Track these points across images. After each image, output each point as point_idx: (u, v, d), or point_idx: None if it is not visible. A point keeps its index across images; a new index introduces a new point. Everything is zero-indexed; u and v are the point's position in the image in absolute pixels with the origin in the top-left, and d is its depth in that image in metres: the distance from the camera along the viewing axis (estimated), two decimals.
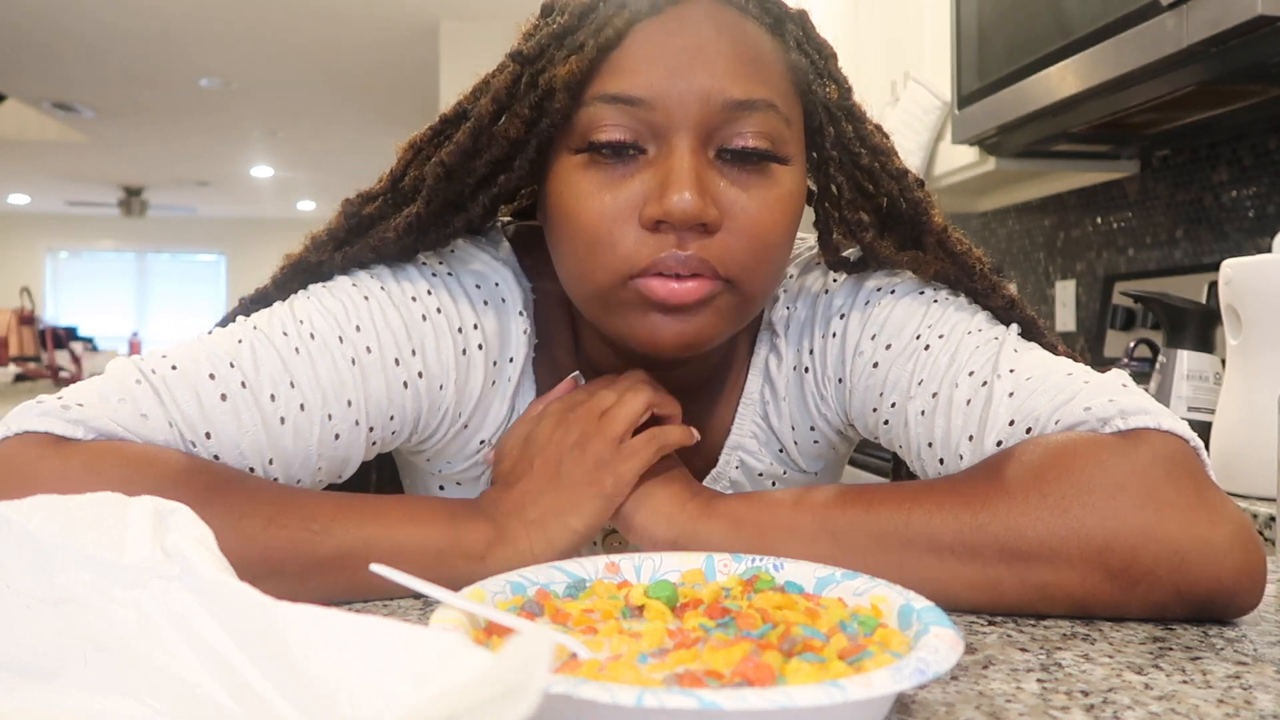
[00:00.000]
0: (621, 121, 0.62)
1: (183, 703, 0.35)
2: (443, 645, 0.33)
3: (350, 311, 0.65)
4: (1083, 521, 0.53)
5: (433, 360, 0.67)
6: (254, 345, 0.62)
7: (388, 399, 0.65)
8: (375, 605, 0.59)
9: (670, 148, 0.62)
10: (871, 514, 0.57)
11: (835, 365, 0.73)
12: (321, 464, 0.64)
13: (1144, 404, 0.58)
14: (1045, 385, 0.60)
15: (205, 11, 4.54)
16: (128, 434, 0.57)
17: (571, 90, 0.62)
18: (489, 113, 0.65)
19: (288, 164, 8.19)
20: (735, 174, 0.63)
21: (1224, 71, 1.42)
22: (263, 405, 0.61)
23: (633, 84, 0.61)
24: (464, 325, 0.69)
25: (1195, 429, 1.23)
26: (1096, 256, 2.37)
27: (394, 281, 0.68)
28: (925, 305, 0.69)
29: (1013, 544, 0.54)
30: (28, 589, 0.37)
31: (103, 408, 0.56)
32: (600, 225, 0.62)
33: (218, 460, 0.59)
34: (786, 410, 0.77)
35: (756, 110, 0.62)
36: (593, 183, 0.62)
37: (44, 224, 10.90)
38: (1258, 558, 0.54)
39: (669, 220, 0.60)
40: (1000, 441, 0.60)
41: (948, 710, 0.42)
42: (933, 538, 0.55)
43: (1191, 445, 0.57)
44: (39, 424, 0.55)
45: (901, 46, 2.48)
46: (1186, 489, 0.54)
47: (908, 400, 0.67)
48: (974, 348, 0.65)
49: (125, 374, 0.59)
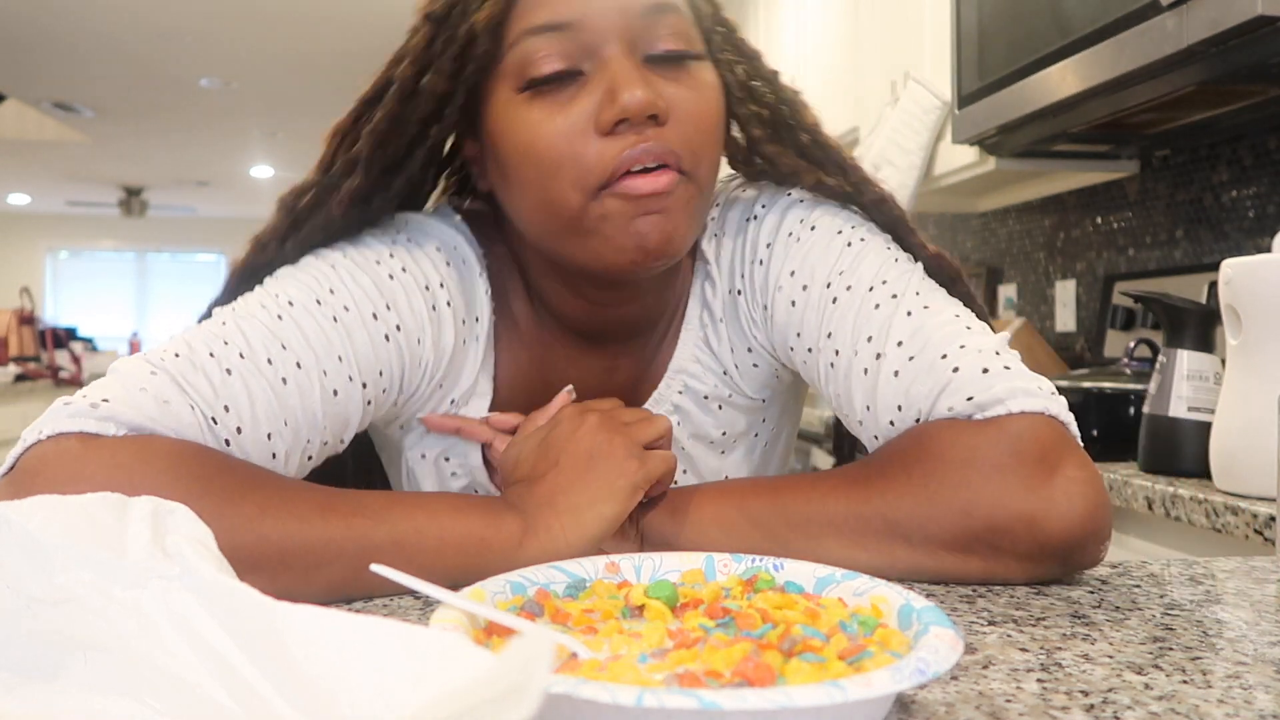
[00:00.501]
0: (554, 49, 0.66)
1: (183, 703, 0.35)
2: (443, 645, 0.33)
3: (320, 279, 0.68)
4: (944, 496, 0.62)
5: (407, 315, 0.70)
6: (238, 323, 0.64)
7: (374, 354, 0.68)
8: (375, 605, 0.59)
9: (606, 60, 0.66)
10: (784, 503, 0.65)
11: (761, 291, 0.77)
12: (326, 423, 0.66)
13: (999, 390, 0.63)
14: (922, 372, 0.66)
15: (205, 11, 4.54)
16: (156, 424, 0.58)
17: (492, 31, 0.66)
18: (410, 73, 0.68)
19: (288, 164, 8.19)
20: (664, 73, 0.67)
21: (1224, 71, 1.42)
22: (264, 370, 0.63)
23: (555, 11, 0.66)
24: (430, 284, 0.72)
25: (1195, 429, 1.25)
26: (1096, 256, 2.37)
27: (354, 249, 0.70)
28: (839, 249, 0.73)
29: (893, 520, 0.62)
30: (28, 589, 0.37)
31: (127, 401, 0.57)
32: (560, 145, 0.65)
33: (240, 433, 0.61)
34: (725, 333, 0.80)
35: (668, 13, 0.68)
36: (541, 112, 0.66)
37: (44, 224, 10.90)
38: (1103, 514, 0.62)
39: (626, 115, 0.64)
40: (892, 422, 0.68)
41: (948, 710, 0.42)
42: (834, 522, 0.63)
43: (1048, 416, 0.63)
44: (71, 424, 0.56)
45: (901, 46, 2.48)
46: (1029, 458, 0.62)
47: (819, 351, 0.73)
48: (873, 307, 0.70)
49: (138, 368, 0.60)
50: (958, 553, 0.62)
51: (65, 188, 9.42)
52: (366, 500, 0.60)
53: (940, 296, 0.71)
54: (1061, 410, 0.64)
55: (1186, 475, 1.27)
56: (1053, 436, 0.63)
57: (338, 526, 0.57)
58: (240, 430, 0.61)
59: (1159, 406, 1.29)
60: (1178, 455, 1.27)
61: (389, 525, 0.58)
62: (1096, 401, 1.50)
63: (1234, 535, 1.09)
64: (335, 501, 0.59)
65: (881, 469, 0.65)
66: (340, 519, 0.58)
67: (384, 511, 0.59)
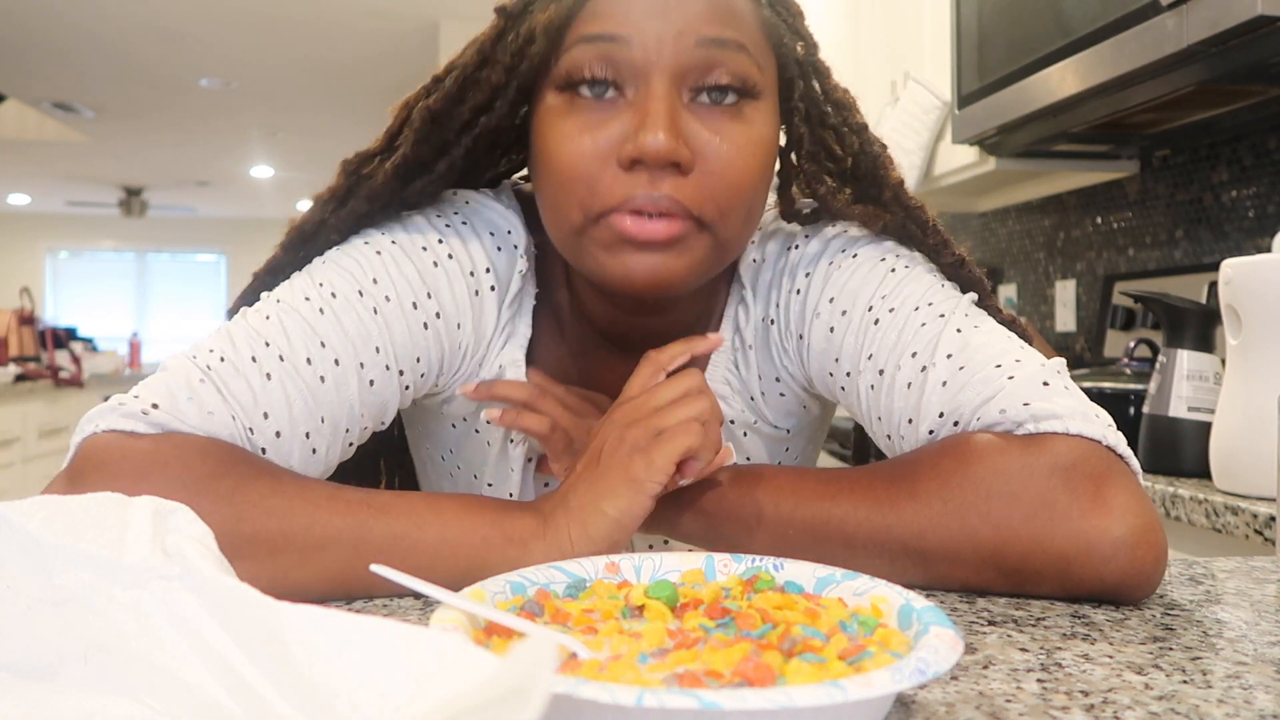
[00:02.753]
0: (602, 60, 0.64)
1: (183, 703, 0.35)
2: (443, 646, 0.33)
3: (365, 267, 0.69)
4: (978, 529, 0.58)
5: (448, 302, 0.71)
6: (281, 318, 0.66)
7: (411, 342, 0.69)
8: (375, 605, 0.59)
9: (648, 89, 0.64)
10: (800, 508, 0.63)
11: (797, 321, 0.75)
12: (364, 411, 0.67)
13: (1057, 407, 0.60)
14: (974, 378, 0.63)
15: (205, 12, 4.54)
16: (195, 431, 0.60)
17: (550, 34, 0.66)
18: (473, 62, 0.69)
19: (288, 164, 8.19)
20: (710, 117, 0.65)
21: (1224, 71, 1.42)
22: (302, 371, 0.64)
23: (609, 23, 0.64)
24: (475, 269, 0.72)
25: (1195, 429, 1.25)
26: (1096, 256, 2.37)
27: (405, 234, 0.72)
28: (882, 274, 0.71)
29: (916, 544, 0.59)
30: (28, 589, 0.37)
31: (174, 409, 0.60)
32: (580, 164, 0.65)
33: (279, 436, 0.63)
34: (754, 360, 0.79)
35: (729, 49, 0.65)
36: (575, 125, 0.65)
37: (44, 224, 10.90)
38: (1150, 555, 0.57)
39: (643, 158, 0.63)
40: (932, 430, 0.64)
41: (948, 710, 0.42)
42: (848, 535, 0.61)
43: (1105, 445, 0.59)
44: (124, 424, 0.59)
45: (901, 46, 2.48)
46: (1082, 494, 0.57)
47: (858, 374, 0.70)
48: (919, 325, 0.67)
49: (189, 373, 0.62)
50: (983, 578, 0.59)
51: (65, 188, 9.42)
52: (376, 495, 0.61)
53: (991, 321, 0.68)
54: (1120, 443, 0.60)
55: (1186, 475, 1.27)
56: (1106, 469, 0.58)
57: (341, 512, 0.59)
58: (279, 434, 0.63)
59: (1159, 406, 1.29)
60: (1178, 455, 1.27)
61: (390, 517, 0.59)
62: (1096, 401, 1.49)
63: (1234, 535, 1.10)
64: (344, 492, 0.60)
65: (914, 490, 0.60)
66: (345, 505, 0.59)
67: (390, 504, 0.60)
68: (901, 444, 0.67)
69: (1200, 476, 1.25)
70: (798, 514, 0.63)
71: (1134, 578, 0.57)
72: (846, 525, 0.61)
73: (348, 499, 0.59)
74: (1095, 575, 0.57)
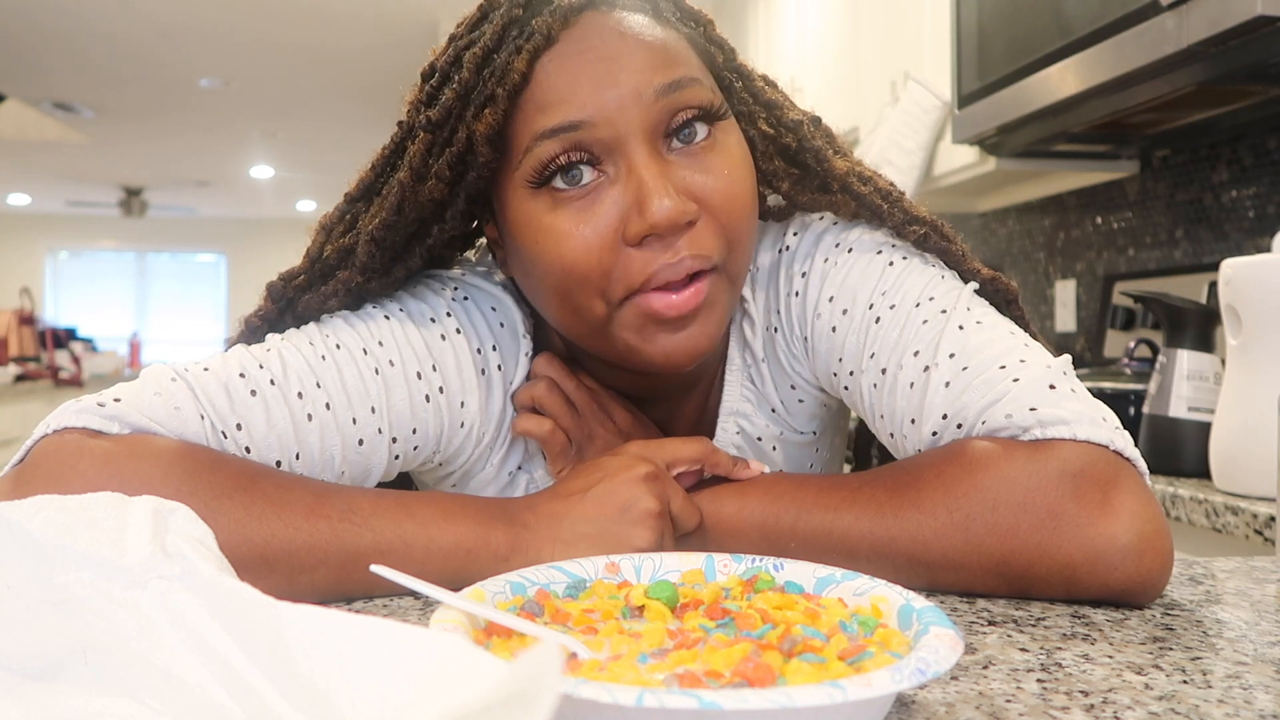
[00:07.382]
0: (570, 149, 0.62)
1: (183, 703, 0.35)
2: (443, 647, 0.33)
3: (373, 329, 0.68)
4: (984, 540, 0.58)
5: (453, 377, 0.69)
6: (281, 352, 0.65)
7: (410, 411, 0.67)
8: (375, 605, 0.59)
9: (629, 161, 0.62)
10: (802, 520, 0.62)
11: (799, 324, 0.74)
12: (345, 469, 0.65)
13: (1064, 411, 0.59)
14: (978, 380, 0.62)
15: (205, 11, 4.54)
16: (160, 428, 0.58)
17: (494, 142, 0.64)
18: (408, 182, 0.66)
19: (288, 164, 8.19)
20: (692, 157, 0.64)
21: (1224, 71, 1.42)
22: (290, 401, 0.63)
23: (565, 111, 0.62)
24: (483, 347, 0.71)
25: (1195, 429, 1.25)
26: (1096, 256, 2.37)
27: (413, 302, 0.71)
28: (880, 269, 0.70)
29: (920, 555, 0.59)
30: (28, 589, 0.37)
31: (137, 402, 0.59)
32: (587, 259, 0.63)
33: (249, 452, 0.61)
34: (767, 371, 0.78)
35: (684, 87, 0.63)
36: (567, 220, 0.63)
37: (44, 224, 10.90)
38: (1157, 562, 0.57)
39: (656, 231, 0.61)
40: (935, 432, 0.64)
41: (948, 710, 0.42)
42: (851, 548, 0.60)
43: (1112, 449, 0.59)
44: (76, 420, 0.57)
45: (901, 46, 2.48)
46: (1090, 502, 0.57)
47: (861, 373, 0.69)
48: (921, 322, 0.66)
49: (161, 373, 0.61)
50: (987, 584, 0.59)
51: (65, 188, 9.42)
52: (358, 502, 0.59)
53: (994, 314, 0.67)
54: (1127, 446, 0.59)
55: (1186, 475, 1.27)
56: (1114, 475, 0.58)
57: (324, 532, 0.57)
58: (249, 450, 0.61)
59: (1159, 406, 1.29)
60: (1178, 455, 1.27)
61: (374, 533, 0.58)
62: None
63: (1234, 535, 1.10)
64: (324, 504, 0.58)
65: (919, 498, 0.60)
66: (326, 523, 0.57)
67: (372, 518, 0.59)
68: (904, 443, 0.67)
69: (1200, 476, 1.25)
70: (799, 526, 0.62)
71: (1140, 584, 0.57)
72: (849, 538, 0.60)
73: (328, 514, 0.58)
74: (1101, 582, 0.57)
